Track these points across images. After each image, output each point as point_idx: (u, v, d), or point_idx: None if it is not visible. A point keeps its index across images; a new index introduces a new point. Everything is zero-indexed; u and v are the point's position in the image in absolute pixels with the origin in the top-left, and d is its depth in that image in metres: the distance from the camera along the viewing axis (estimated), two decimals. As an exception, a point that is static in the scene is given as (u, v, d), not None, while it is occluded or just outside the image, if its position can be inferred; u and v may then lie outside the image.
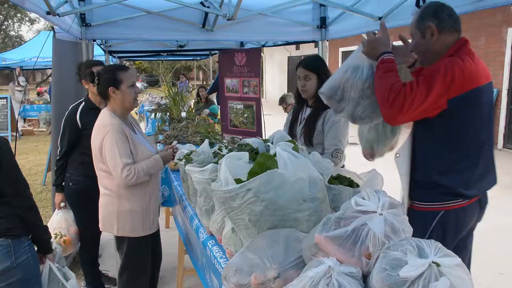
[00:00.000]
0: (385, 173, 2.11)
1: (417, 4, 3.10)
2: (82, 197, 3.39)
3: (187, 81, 13.11)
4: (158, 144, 4.10)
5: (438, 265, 1.23)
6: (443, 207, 2.11)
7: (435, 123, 2.04)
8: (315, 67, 2.97)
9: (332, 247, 1.39)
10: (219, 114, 8.19)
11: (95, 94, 3.35)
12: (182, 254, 3.68)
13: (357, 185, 2.08)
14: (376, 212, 1.43)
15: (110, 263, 4.16)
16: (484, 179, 2.17)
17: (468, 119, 2.03)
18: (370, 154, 2.58)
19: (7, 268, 2.18)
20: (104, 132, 2.66)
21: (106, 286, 3.78)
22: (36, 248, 2.42)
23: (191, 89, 7.87)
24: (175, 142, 3.28)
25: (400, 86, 1.96)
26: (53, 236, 3.30)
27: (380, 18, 3.69)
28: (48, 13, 2.99)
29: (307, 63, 2.98)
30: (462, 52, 2.05)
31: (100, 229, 2.91)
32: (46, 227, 2.42)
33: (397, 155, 2.21)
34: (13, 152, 2.26)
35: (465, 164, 2.10)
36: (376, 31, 2.27)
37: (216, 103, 8.78)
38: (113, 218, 2.76)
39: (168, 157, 2.91)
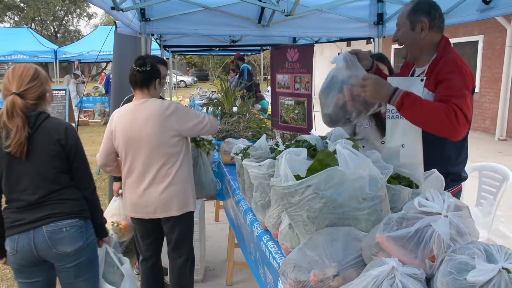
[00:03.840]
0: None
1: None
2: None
3: (236, 76, 13.17)
4: None
5: (508, 271, 1.19)
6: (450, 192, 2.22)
7: None
8: (387, 61, 3.18)
9: (394, 247, 1.37)
10: (269, 110, 8.23)
11: None
12: (232, 248, 3.73)
13: (417, 186, 2.04)
14: (440, 213, 1.39)
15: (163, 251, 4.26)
16: None
17: None
18: None
19: (80, 247, 2.29)
20: (171, 107, 2.77)
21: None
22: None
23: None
24: None
25: (446, 106, 1.94)
26: (110, 224, 3.43)
27: (441, 15, 3.56)
28: (113, 8, 3.12)
29: (384, 58, 3.16)
30: (451, 50, 2.15)
31: (178, 213, 2.92)
32: (102, 211, 2.52)
33: (403, 145, 2.20)
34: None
35: (466, 152, 2.31)
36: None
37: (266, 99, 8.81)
38: (189, 194, 2.95)
39: None
